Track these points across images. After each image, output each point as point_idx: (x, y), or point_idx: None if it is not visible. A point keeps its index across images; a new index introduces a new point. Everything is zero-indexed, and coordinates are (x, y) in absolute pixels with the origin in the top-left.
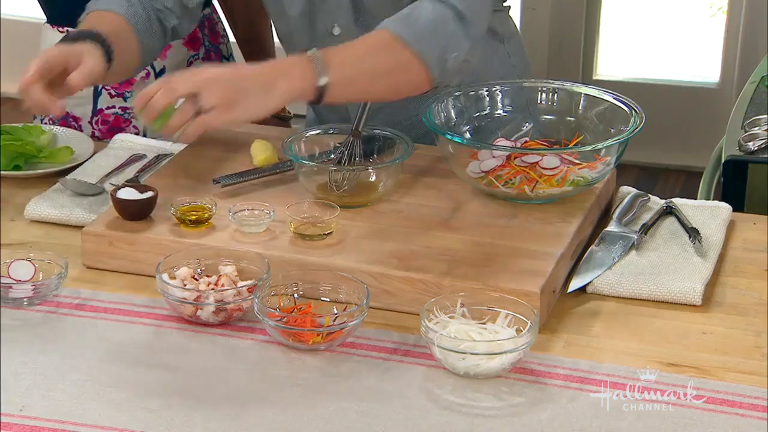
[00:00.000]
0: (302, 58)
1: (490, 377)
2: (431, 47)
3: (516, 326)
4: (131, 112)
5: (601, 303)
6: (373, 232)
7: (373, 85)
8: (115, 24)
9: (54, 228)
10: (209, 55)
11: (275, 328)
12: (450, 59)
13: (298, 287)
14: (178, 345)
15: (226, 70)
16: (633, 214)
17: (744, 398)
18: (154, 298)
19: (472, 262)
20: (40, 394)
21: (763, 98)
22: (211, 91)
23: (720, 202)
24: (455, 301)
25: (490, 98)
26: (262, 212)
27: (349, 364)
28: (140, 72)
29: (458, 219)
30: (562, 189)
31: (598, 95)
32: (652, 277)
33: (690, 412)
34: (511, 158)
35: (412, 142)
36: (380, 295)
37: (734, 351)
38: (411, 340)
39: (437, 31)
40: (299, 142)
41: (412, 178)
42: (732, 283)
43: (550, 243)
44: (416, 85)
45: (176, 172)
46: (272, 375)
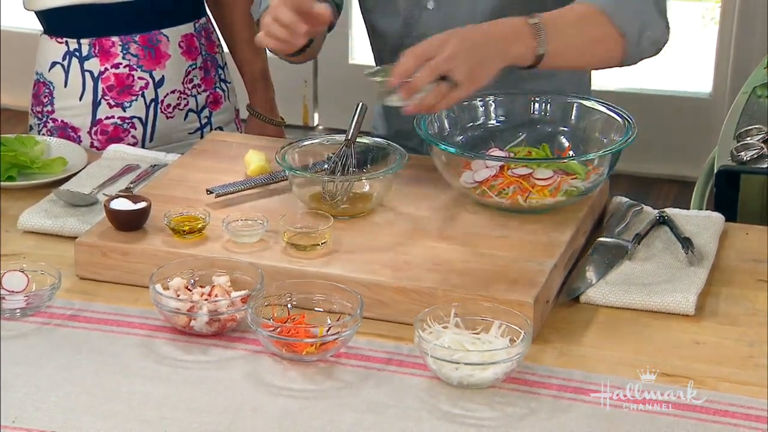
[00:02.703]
0: (524, 24)
1: (484, 387)
2: (632, 23)
3: (509, 336)
4: (129, 122)
5: (595, 313)
6: (367, 242)
7: (579, 54)
8: None
9: (47, 239)
10: (206, 64)
11: (269, 339)
12: (645, 37)
13: (291, 297)
14: (171, 356)
15: (465, 40)
16: (626, 224)
17: (738, 408)
18: (147, 308)
19: (465, 272)
20: (33, 405)
21: (756, 108)
22: (460, 69)
23: (713, 212)
24: (449, 311)
25: (484, 108)
26: (256, 222)
27: (343, 374)
28: (141, 83)
29: (452, 229)
30: (556, 199)
31: (591, 105)
32: (645, 287)
33: (684, 422)
34: (504, 168)
35: (405, 152)
36: (374, 306)
37: (728, 361)
38: (405, 350)
39: (638, 8)
40: (293, 153)
41: (406, 188)
42: (725, 293)
43: (543, 253)
44: (612, 57)
45: (170, 183)
46: (266, 385)
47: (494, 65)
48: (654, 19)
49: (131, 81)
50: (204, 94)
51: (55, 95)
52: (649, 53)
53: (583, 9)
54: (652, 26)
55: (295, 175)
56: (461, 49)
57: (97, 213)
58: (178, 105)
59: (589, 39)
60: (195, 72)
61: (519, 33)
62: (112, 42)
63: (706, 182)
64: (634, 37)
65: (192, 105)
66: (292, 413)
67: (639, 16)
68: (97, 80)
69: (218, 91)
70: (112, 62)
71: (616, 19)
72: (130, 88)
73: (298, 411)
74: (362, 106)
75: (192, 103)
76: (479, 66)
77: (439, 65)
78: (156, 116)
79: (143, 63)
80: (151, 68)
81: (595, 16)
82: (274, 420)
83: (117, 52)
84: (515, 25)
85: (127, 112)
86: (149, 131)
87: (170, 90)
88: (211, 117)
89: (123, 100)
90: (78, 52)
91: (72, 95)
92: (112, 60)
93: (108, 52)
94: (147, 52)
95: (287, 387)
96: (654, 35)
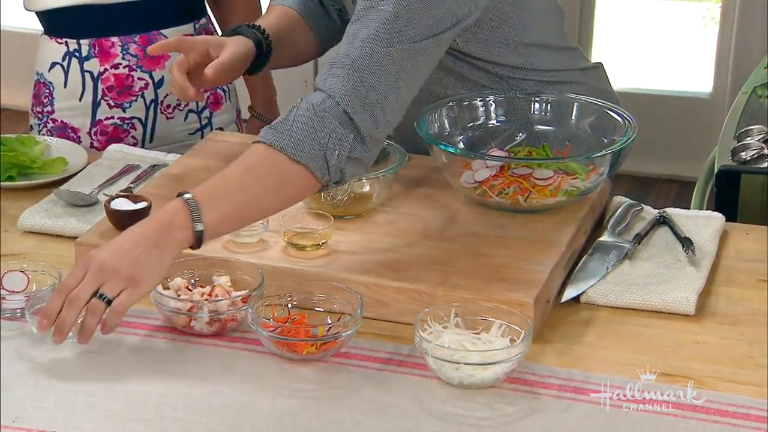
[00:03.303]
0: (178, 203)
1: (484, 387)
2: (310, 149)
3: (510, 336)
4: (129, 123)
5: (595, 313)
6: (367, 242)
7: (258, 208)
8: (284, 16)
9: (47, 239)
10: None
11: (269, 339)
12: (333, 158)
13: (291, 297)
14: (171, 356)
15: (113, 249)
16: (626, 224)
17: (738, 408)
18: (147, 308)
19: (465, 272)
20: (33, 405)
21: (756, 108)
22: (112, 280)
23: (713, 212)
24: (449, 311)
25: (484, 108)
26: (256, 222)
27: (343, 374)
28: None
29: (452, 229)
30: (556, 199)
31: (592, 105)
32: (645, 287)
33: (684, 422)
34: (504, 168)
35: (405, 152)
36: (374, 305)
37: (728, 361)
38: (405, 350)
39: (314, 129)
40: None
41: (406, 189)
42: (725, 292)
43: (543, 253)
44: (306, 189)
45: (170, 183)
46: (266, 385)
47: (159, 258)
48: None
49: (131, 81)
50: (204, 94)
51: (55, 95)
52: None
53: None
54: (338, 144)
55: None
56: (108, 260)
57: (97, 213)
58: (178, 105)
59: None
60: None
61: (174, 214)
62: (112, 42)
63: (707, 182)
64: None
65: (192, 105)
66: (292, 413)
67: (316, 135)
68: (97, 81)
69: (219, 92)
70: (111, 63)
71: (286, 148)
72: (129, 88)
73: (298, 411)
74: None
75: (192, 104)
76: (136, 268)
77: (80, 295)
78: (156, 117)
79: (143, 63)
80: (150, 69)
81: (267, 159)
82: (274, 420)
83: (117, 52)
84: (171, 207)
85: (127, 112)
86: (149, 132)
87: (170, 90)
88: (211, 117)
89: (123, 101)
90: (78, 52)
91: (72, 95)
92: (111, 60)
93: (108, 52)
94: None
95: (287, 387)
96: (343, 152)
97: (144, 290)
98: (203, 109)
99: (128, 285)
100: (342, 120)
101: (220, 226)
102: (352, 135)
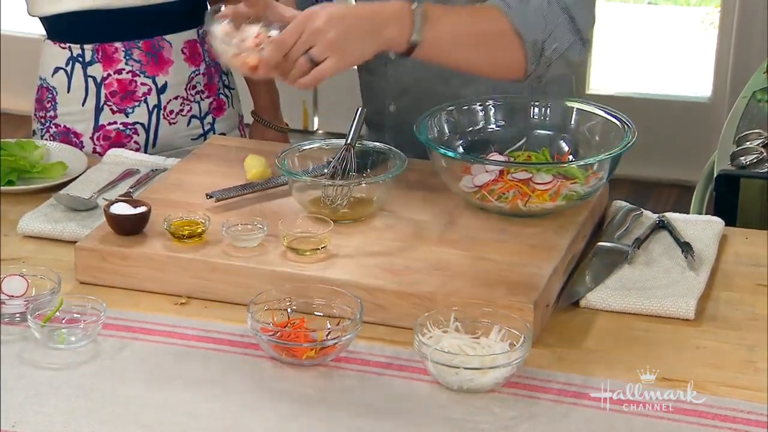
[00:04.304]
0: (405, 8)
1: (484, 392)
2: (534, 30)
3: (509, 341)
4: (132, 128)
5: (594, 317)
6: (367, 246)
7: (467, 52)
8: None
9: (47, 243)
10: (209, 70)
11: (268, 343)
12: (549, 49)
13: (291, 302)
14: (170, 360)
15: (333, 17)
16: (626, 229)
17: (738, 412)
18: (147, 313)
19: (465, 277)
20: (32, 409)
21: (755, 112)
22: (323, 44)
23: (712, 217)
24: (449, 315)
25: (484, 113)
26: (255, 227)
27: (343, 379)
28: (144, 89)
29: (452, 233)
30: (555, 204)
31: (591, 110)
32: (645, 292)
33: (684, 427)
34: (504, 173)
35: (405, 156)
36: (374, 310)
37: (728, 365)
38: (404, 354)
39: (545, 15)
40: (293, 157)
41: (406, 193)
42: (725, 297)
43: (543, 257)
44: (511, 65)
45: (169, 187)
46: (265, 390)
47: (364, 44)
48: (564, 31)
49: (134, 87)
50: (207, 100)
51: (58, 100)
52: (557, 68)
53: (482, 7)
54: (560, 38)
55: (295, 179)
56: (326, 25)
57: (96, 217)
58: (181, 111)
59: (481, 38)
60: (198, 78)
61: (397, 16)
62: (115, 48)
63: (706, 186)
64: (536, 44)
65: (195, 111)
66: (291, 418)
67: (544, 22)
68: (100, 86)
69: (222, 98)
70: (114, 68)
71: (517, 22)
72: (132, 93)
73: (297, 415)
74: (362, 110)
75: (195, 109)
76: (345, 42)
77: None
78: (159, 122)
79: (146, 69)
80: (154, 74)
81: (493, 15)
82: (274, 424)
83: (120, 57)
84: (396, 8)
85: (130, 117)
86: (152, 137)
87: (173, 96)
88: (214, 123)
89: (126, 106)
90: (81, 57)
91: (75, 101)
92: (114, 66)
93: (111, 57)
94: (150, 58)
95: (287, 391)
96: (561, 47)
97: (344, 64)
98: (206, 114)
99: (333, 54)
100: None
101: (432, 50)
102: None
